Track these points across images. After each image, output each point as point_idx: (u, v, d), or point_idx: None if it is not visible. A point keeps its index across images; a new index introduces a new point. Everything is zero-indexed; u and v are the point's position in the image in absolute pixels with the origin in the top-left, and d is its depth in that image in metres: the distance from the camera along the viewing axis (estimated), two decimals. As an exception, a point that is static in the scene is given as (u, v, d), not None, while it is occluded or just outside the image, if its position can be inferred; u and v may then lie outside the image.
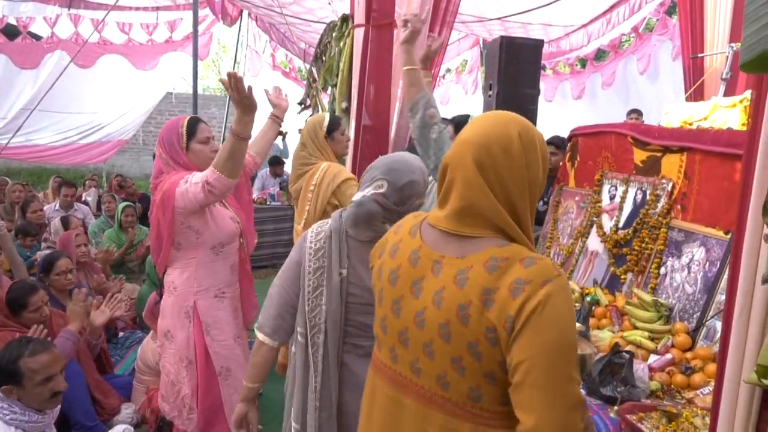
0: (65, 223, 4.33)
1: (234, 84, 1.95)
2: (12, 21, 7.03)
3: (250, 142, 2.73)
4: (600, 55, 7.51)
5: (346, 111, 3.86)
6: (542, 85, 7.68)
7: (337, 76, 4.07)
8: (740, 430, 0.94)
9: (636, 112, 6.04)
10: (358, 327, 1.64)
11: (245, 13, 8.44)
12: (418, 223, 1.24)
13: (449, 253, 1.13)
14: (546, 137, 4.63)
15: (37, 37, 7.32)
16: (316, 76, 4.45)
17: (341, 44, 4.04)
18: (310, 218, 2.90)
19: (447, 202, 1.16)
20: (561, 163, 4.21)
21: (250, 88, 1.99)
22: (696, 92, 4.33)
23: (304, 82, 6.09)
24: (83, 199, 6.49)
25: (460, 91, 9.42)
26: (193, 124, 2.31)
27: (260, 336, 1.68)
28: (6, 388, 2.08)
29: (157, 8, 7.71)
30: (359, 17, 3.68)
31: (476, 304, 1.05)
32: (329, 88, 4.28)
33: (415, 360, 1.16)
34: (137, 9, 7.54)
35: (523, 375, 1.00)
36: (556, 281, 1.03)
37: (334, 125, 3.04)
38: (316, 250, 1.65)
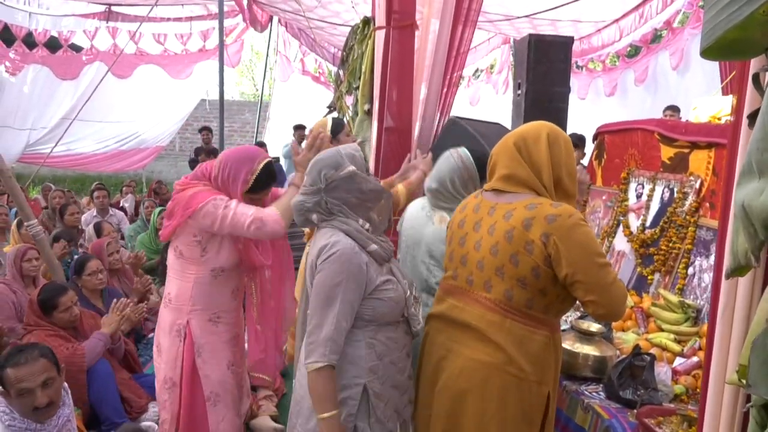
0: (98, 229, 4.44)
1: (316, 144, 2.01)
2: (54, 34, 7.35)
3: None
4: (632, 50, 7.32)
5: (369, 113, 3.88)
6: (575, 83, 7.51)
7: (360, 78, 4.09)
8: (725, 429, 0.90)
9: (672, 109, 5.84)
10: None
11: (275, 19, 8.58)
12: (479, 192, 1.82)
13: (501, 201, 1.69)
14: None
15: (78, 49, 7.63)
16: (342, 78, 4.49)
17: (363, 46, 4.06)
18: None
19: (494, 173, 1.73)
20: (580, 161, 4.16)
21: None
22: (733, 84, 4.16)
23: (333, 85, 6.16)
24: (120, 205, 6.70)
25: (491, 91, 9.32)
26: (271, 172, 2.20)
27: (330, 366, 1.59)
28: (1, 391, 2.03)
29: (191, 18, 7.93)
30: (380, 19, 3.69)
31: (519, 228, 1.59)
32: (353, 90, 4.31)
33: (470, 274, 1.70)
34: (170, 20, 7.76)
35: (574, 278, 1.54)
36: (577, 214, 1.59)
37: (338, 127, 3.03)
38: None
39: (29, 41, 7.17)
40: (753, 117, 0.77)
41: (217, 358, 2.17)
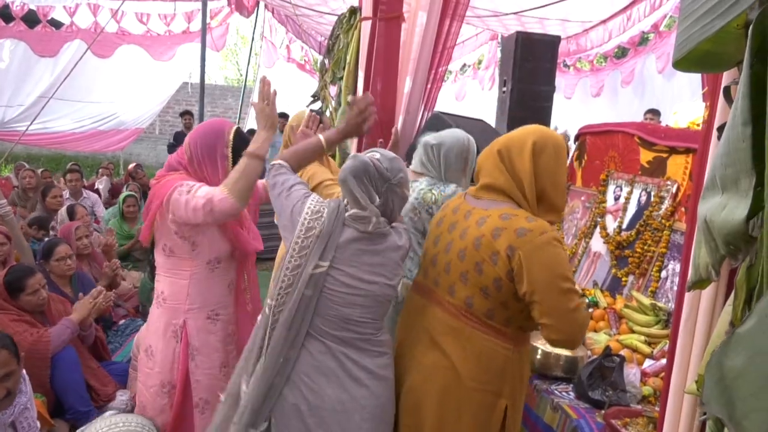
0: (71, 213, 4.33)
1: (264, 90, 1.82)
2: (33, 8, 7.12)
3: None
4: (619, 52, 7.36)
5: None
6: (562, 82, 7.51)
7: (344, 69, 4.04)
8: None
9: (652, 112, 5.90)
10: (331, 318, 1.61)
11: (262, 4, 8.44)
12: (462, 194, 1.80)
13: (478, 207, 1.66)
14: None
15: (57, 25, 7.40)
16: (327, 68, 4.44)
17: (349, 37, 4.01)
18: None
19: (479, 180, 1.70)
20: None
21: (274, 94, 1.88)
22: (712, 92, 4.20)
23: (318, 74, 6.08)
24: (95, 187, 6.56)
25: (477, 87, 9.31)
26: (244, 137, 2.04)
27: None
28: None
29: (175, -2, 7.75)
30: (367, 10, 3.65)
31: (487, 236, 1.55)
32: (337, 81, 4.26)
33: (437, 275, 1.69)
34: (154, -1, 7.58)
35: (532, 297, 1.48)
36: (551, 232, 1.53)
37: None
38: (307, 228, 1.60)
39: (5, 14, 6.93)
40: (722, 130, 0.76)
41: (210, 361, 2.07)
